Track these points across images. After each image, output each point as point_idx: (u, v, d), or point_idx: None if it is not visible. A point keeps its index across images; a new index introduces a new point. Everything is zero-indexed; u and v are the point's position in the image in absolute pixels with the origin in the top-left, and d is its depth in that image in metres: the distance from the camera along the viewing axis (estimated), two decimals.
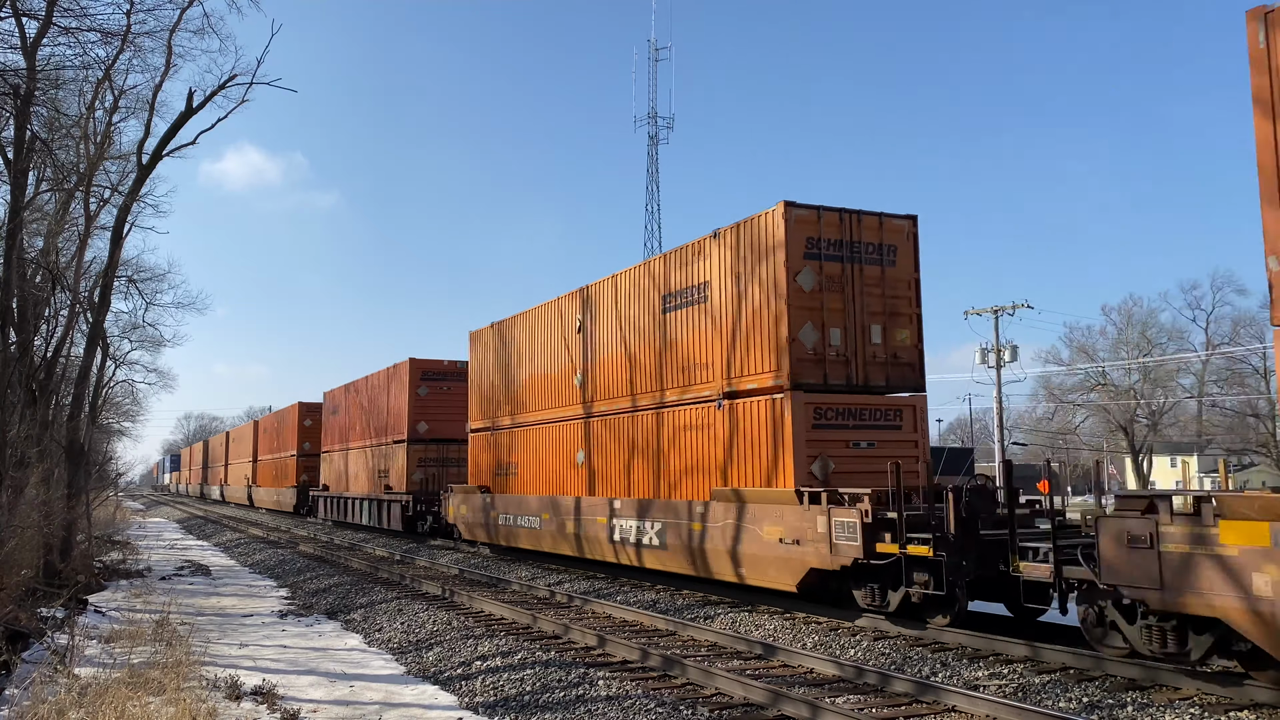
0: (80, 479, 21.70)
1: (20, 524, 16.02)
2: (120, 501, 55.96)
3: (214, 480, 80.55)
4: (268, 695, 10.28)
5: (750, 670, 10.42)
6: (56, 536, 19.33)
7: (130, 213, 22.07)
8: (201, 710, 8.92)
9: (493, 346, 24.83)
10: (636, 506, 17.29)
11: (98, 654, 12.24)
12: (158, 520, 56.82)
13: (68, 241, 24.02)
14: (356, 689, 10.89)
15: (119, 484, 60.72)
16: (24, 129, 16.35)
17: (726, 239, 15.51)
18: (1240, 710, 8.40)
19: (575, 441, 20.13)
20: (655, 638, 12.58)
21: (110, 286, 21.63)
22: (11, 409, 16.78)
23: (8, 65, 16.22)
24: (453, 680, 11.01)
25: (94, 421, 26.61)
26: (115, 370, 34.82)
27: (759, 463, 14.47)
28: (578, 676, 10.24)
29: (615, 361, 18.69)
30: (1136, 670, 9.50)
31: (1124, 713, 8.41)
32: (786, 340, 14.10)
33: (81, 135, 21.38)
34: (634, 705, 9.03)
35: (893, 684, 9.40)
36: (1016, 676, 9.83)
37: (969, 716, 8.47)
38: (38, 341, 21.37)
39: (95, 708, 8.65)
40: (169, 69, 20.95)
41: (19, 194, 16.83)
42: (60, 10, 16.37)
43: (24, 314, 18.60)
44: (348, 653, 13.25)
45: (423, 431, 32.07)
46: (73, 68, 18.70)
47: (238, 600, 19.21)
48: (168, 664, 10.65)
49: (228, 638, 14.44)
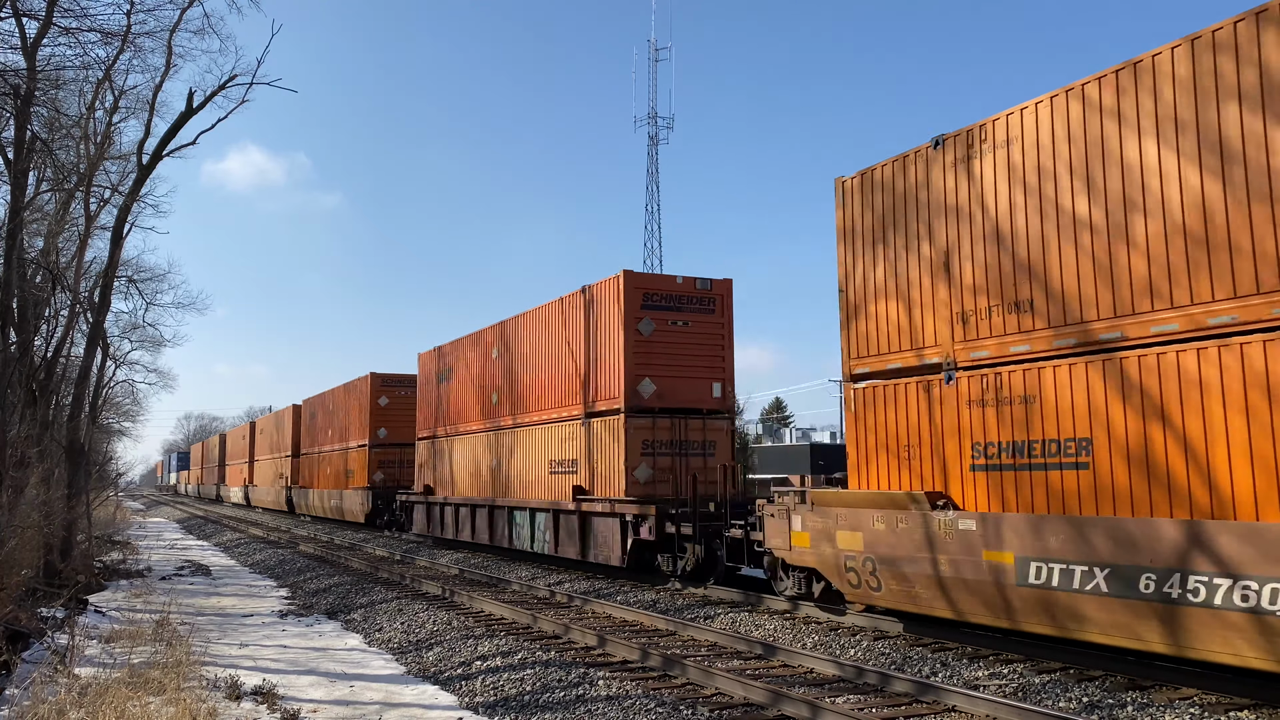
0: (80, 479, 21.70)
1: (20, 524, 16.02)
2: (120, 501, 55.97)
3: (233, 480, 69.93)
4: (268, 695, 10.28)
5: (750, 670, 10.42)
6: (56, 536, 19.33)
7: (130, 213, 22.07)
8: (201, 710, 8.92)
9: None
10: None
11: (98, 654, 12.24)
12: (158, 520, 56.84)
13: (68, 241, 24.05)
14: (356, 689, 10.89)
15: (119, 484, 60.66)
16: (24, 129, 16.36)
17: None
18: (1240, 710, 8.40)
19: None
20: (655, 638, 12.59)
21: (110, 286, 21.62)
22: (11, 409, 16.78)
23: (8, 65, 16.24)
24: (453, 680, 11.01)
25: (94, 421, 26.61)
26: (115, 370, 34.77)
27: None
28: (578, 676, 10.24)
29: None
30: (1135, 670, 9.52)
31: (1124, 713, 8.41)
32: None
33: (81, 135, 21.38)
34: (634, 705, 9.03)
35: (893, 684, 9.39)
36: (1016, 676, 9.83)
37: (969, 716, 8.47)
38: (38, 341, 21.38)
39: (95, 708, 8.65)
40: (169, 69, 20.98)
41: (19, 194, 16.84)
42: (60, 10, 16.38)
43: (24, 314, 18.61)
44: (348, 653, 13.25)
45: (647, 396, 18.76)
46: (73, 68, 18.71)
47: (238, 600, 19.21)
48: (168, 664, 10.65)
49: (228, 638, 14.45)
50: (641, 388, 18.63)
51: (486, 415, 24.99)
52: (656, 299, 18.92)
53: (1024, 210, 10.59)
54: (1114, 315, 9.59)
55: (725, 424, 19.38)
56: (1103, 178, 9.83)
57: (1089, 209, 9.94)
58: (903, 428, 11.93)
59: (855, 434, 12.70)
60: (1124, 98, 9.67)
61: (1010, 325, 10.65)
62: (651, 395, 18.68)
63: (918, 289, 11.92)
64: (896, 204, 12.35)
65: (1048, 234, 10.33)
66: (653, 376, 18.72)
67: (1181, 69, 9.15)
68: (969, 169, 11.32)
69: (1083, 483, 9.68)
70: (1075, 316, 9.99)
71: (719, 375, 19.38)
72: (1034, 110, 10.60)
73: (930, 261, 11.74)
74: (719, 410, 19.34)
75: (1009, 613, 10.12)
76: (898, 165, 12.38)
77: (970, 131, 11.34)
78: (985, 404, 10.79)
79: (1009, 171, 10.78)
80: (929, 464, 11.48)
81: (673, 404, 18.79)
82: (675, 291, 19.10)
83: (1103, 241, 9.77)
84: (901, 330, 12.14)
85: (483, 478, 24.85)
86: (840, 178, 13.37)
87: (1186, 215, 9.05)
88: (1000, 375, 10.68)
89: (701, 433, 19.01)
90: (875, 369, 12.56)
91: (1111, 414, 9.46)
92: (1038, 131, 10.53)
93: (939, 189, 11.71)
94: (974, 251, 11.16)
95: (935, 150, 11.80)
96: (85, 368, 22.15)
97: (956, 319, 11.29)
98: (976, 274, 11.12)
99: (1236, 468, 8.45)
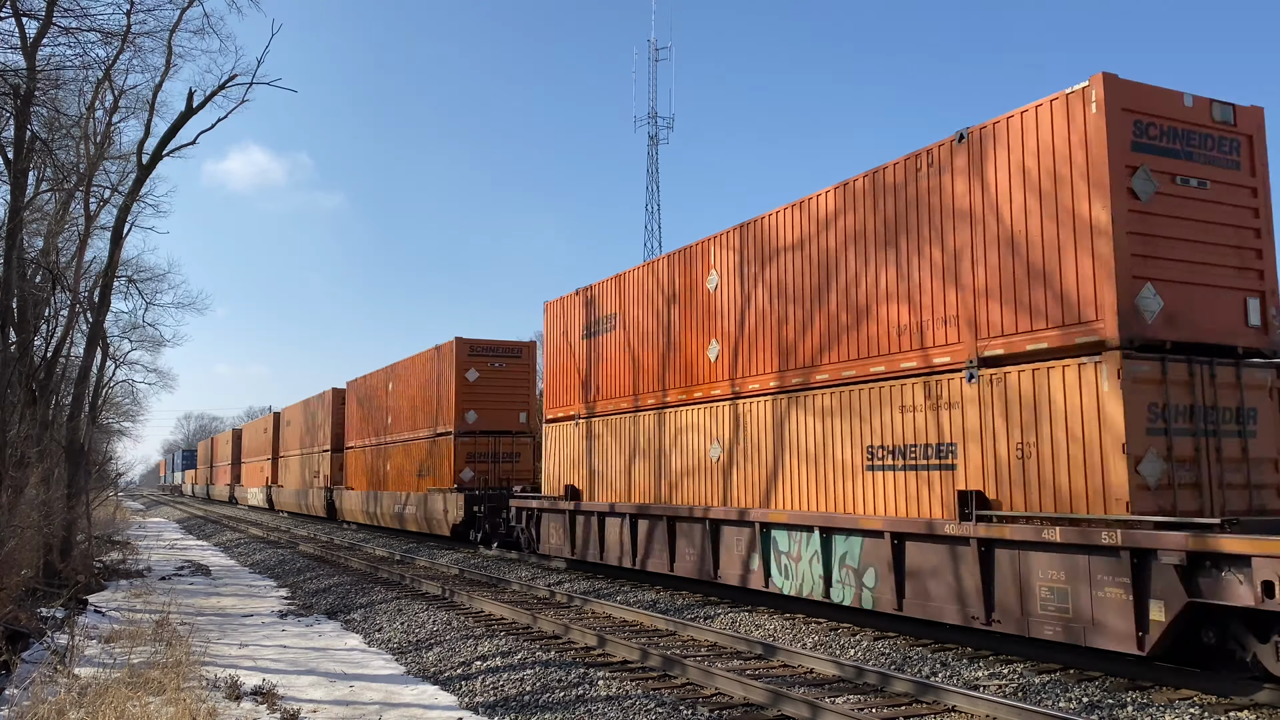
0: (80, 479, 21.70)
1: (20, 524, 16.01)
2: (120, 501, 55.96)
3: (252, 479, 60.72)
4: (268, 695, 10.28)
5: (750, 670, 10.41)
6: (56, 536, 19.33)
7: (130, 213, 22.09)
8: (201, 710, 8.92)
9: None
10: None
11: (98, 654, 12.24)
12: (157, 520, 56.83)
13: (68, 241, 24.04)
14: (356, 689, 10.89)
15: (119, 484, 60.56)
16: (24, 129, 16.35)
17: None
18: (1240, 710, 8.39)
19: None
20: (655, 638, 12.58)
21: (110, 286, 21.63)
22: (11, 409, 16.78)
23: (8, 65, 16.24)
24: (453, 680, 11.01)
25: (94, 421, 26.61)
26: (115, 370, 34.79)
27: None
28: (578, 676, 10.23)
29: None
30: (1138, 670, 9.49)
31: (1124, 713, 8.41)
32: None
33: (81, 135, 21.38)
34: (634, 705, 9.02)
35: (893, 684, 9.39)
36: (1016, 676, 9.83)
37: (969, 716, 8.47)
38: (38, 341, 21.37)
39: (95, 708, 8.65)
40: (169, 69, 21.01)
41: (19, 194, 16.84)
42: (60, 10, 16.38)
43: (24, 314, 18.61)
44: (348, 653, 13.24)
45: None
46: (73, 68, 18.72)
47: (238, 600, 19.21)
48: (168, 664, 10.65)
49: (228, 638, 14.44)
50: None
51: (699, 379, 16.40)
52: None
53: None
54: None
55: None
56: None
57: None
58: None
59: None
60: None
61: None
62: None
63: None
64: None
65: None
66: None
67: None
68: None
69: None
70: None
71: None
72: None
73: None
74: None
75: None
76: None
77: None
78: None
79: None
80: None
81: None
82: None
83: None
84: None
85: (694, 476, 16.28)
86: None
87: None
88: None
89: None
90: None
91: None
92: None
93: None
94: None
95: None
96: (85, 368, 22.16)
97: None
98: None
99: None
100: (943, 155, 11.73)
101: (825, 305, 13.45)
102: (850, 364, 12.93)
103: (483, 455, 27.98)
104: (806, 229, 13.93)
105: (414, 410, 31.38)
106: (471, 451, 27.79)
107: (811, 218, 13.85)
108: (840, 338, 13.14)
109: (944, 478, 11.29)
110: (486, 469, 27.80)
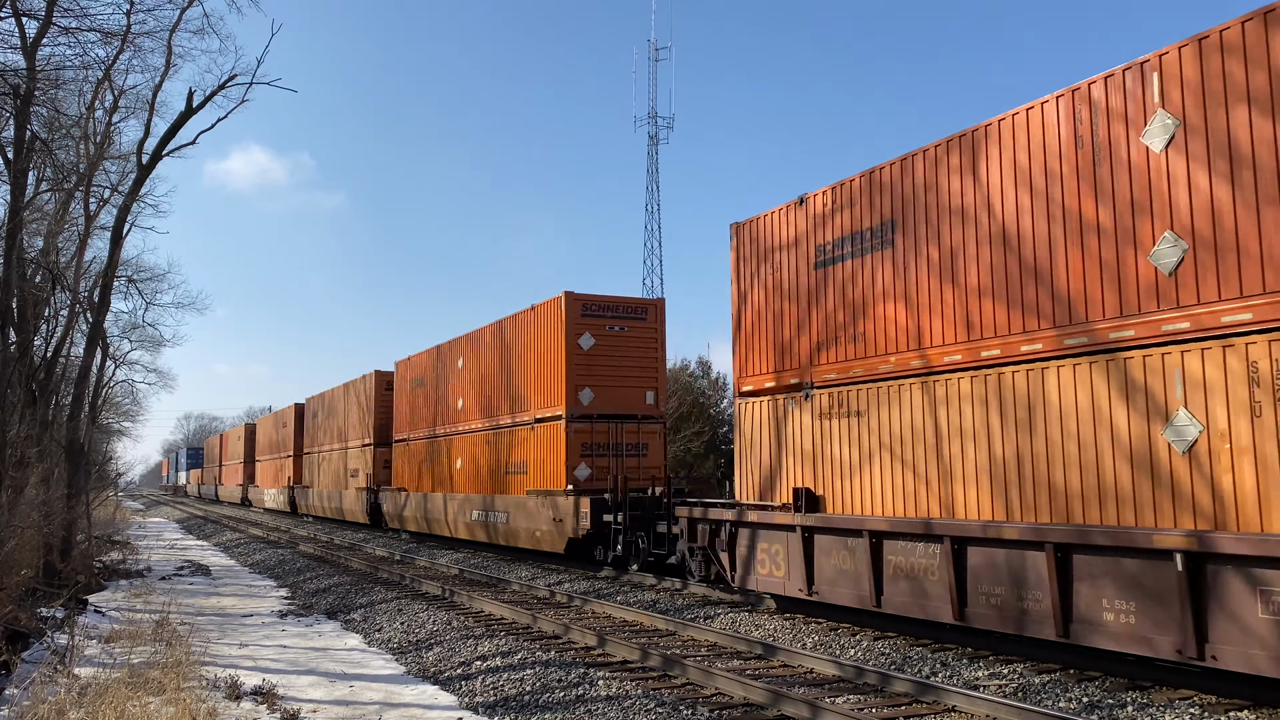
0: (80, 479, 21.69)
1: (20, 524, 16.02)
2: (120, 502, 55.97)
3: (267, 479, 54.40)
4: (268, 695, 10.28)
5: (750, 670, 10.42)
6: (56, 536, 19.33)
7: (130, 213, 22.06)
8: (201, 710, 8.92)
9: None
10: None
11: (98, 654, 12.24)
12: (157, 520, 56.84)
13: (68, 241, 24.04)
14: (356, 689, 10.89)
15: (119, 484, 60.57)
16: (24, 129, 16.35)
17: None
18: (1240, 710, 8.40)
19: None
20: (655, 638, 12.58)
21: (110, 286, 21.62)
22: (11, 409, 16.78)
23: (8, 65, 16.23)
24: (453, 680, 11.01)
25: (94, 421, 26.60)
26: (115, 370, 34.75)
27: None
28: (578, 676, 10.24)
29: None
30: (1138, 670, 9.50)
31: (1124, 713, 8.41)
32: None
33: (81, 135, 21.38)
34: (634, 705, 9.03)
35: (893, 684, 9.39)
36: (1016, 676, 9.84)
37: (969, 716, 8.47)
38: (38, 341, 21.38)
39: (95, 708, 8.65)
40: (169, 69, 20.98)
41: (19, 194, 16.83)
42: (60, 10, 16.37)
43: (24, 314, 18.61)
44: (348, 653, 13.25)
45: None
46: (73, 68, 18.70)
47: (238, 600, 19.21)
48: (168, 664, 10.65)
49: (228, 638, 14.45)
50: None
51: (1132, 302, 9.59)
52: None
53: None
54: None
55: None
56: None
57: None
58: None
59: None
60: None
61: None
62: None
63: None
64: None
65: None
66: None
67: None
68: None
69: None
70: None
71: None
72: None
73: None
74: None
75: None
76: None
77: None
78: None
79: None
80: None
81: None
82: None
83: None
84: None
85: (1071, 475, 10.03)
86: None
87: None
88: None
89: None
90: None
91: None
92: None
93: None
94: None
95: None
96: (85, 368, 22.15)
97: None
98: None
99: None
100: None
101: None
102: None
103: (600, 447, 21.15)
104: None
105: (499, 390, 24.66)
106: (587, 442, 21.01)
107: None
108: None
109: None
110: (606, 464, 20.99)
